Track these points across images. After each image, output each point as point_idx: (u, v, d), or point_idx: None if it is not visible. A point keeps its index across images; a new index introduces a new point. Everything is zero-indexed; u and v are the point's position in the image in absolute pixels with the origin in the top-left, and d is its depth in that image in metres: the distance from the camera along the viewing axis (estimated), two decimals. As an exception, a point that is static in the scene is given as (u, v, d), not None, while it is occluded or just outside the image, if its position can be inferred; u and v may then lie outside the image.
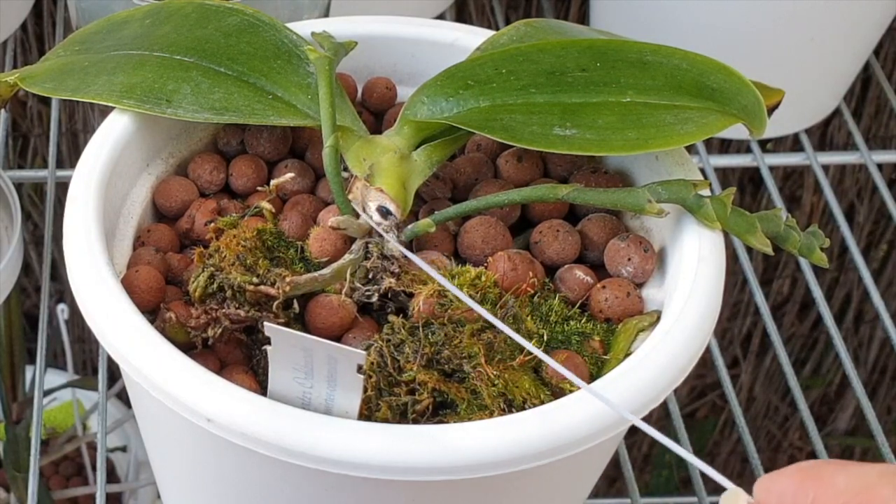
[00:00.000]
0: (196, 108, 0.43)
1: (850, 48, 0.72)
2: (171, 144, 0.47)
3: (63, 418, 0.92)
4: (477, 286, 0.39)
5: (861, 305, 1.11)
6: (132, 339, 0.37)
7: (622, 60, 0.43)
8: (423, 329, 0.38)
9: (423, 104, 0.43)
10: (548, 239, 0.43)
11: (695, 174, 0.43)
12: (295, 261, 0.41)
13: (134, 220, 0.44)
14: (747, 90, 0.43)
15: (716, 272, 0.40)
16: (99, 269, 0.39)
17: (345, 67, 0.49)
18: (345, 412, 0.36)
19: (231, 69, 0.45)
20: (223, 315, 0.38)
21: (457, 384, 0.37)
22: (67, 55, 0.47)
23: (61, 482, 0.92)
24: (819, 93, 0.74)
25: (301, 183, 0.46)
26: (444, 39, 0.50)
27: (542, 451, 0.35)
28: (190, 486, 0.43)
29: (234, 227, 0.41)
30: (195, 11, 0.47)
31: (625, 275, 0.42)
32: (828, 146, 1.00)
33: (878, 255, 1.10)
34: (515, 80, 0.43)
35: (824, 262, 0.43)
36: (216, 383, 0.36)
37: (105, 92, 0.44)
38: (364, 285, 0.40)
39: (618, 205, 0.41)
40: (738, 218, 0.41)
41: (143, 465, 0.90)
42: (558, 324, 0.41)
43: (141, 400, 0.42)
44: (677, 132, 0.41)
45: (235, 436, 0.35)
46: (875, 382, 1.15)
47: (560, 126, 0.41)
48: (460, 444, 0.35)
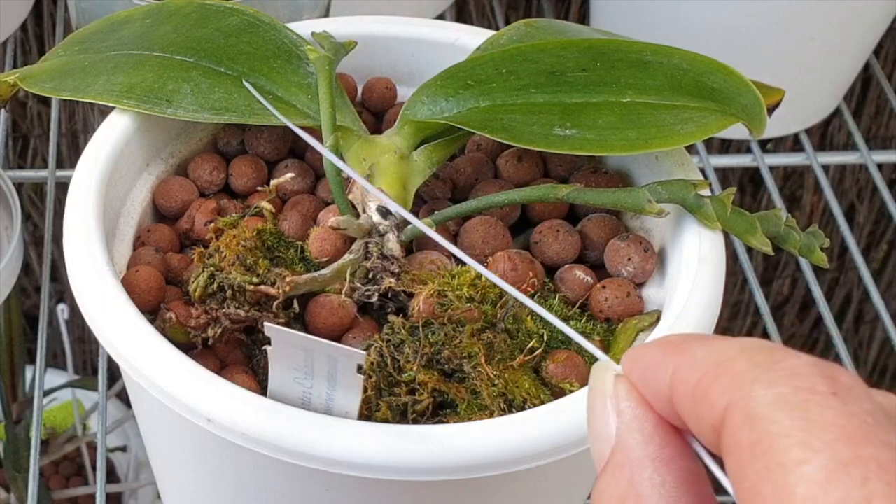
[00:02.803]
0: (196, 108, 0.43)
1: (850, 48, 0.72)
2: (171, 144, 0.47)
3: (63, 418, 0.92)
4: (477, 286, 0.39)
5: (861, 305, 1.11)
6: (132, 339, 0.37)
7: (622, 60, 0.43)
8: (423, 329, 0.38)
9: (423, 104, 0.43)
10: (548, 239, 0.43)
11: (695, 174, 0.43)
12: (295, 261, 0.41)
13: (134, 220, 0.44)
14: (747, 90, 0.43)
15: (716, 272, 0.40)
16: (99, 269, 0.39)
17: (345, 67, 0.49)
18: (345, 412, 0.36)
19: (231, 69, 0.45)
20: (223, 315, 0.38)
21: (457, 384, 0.37)
22: (67, 55, 0.47)
23: (61, 482, 0.92)
24: (819, 93, 0.74)
25: (301, 183, 0.46)
26: (444, 39, 0.50)
27: (542, 452, 0.35)
28: (190, 486, 0.43)
29: (234, 227, 0.41)
30: (195, 11, 0.47)
31: (625, 275, 0.42)
32: (828, 146, 1.00)
33: (878, 255, 1.10)
34: (515, 80, 0.43)
35: (824, 262, 0.43)
36: (216, 383, 0.36)
37: (105, 92, 0.44)
38: (364, 285, 0.40)
39: (618, 205, 0.41)
40: (738, 218, 0.41)
41: (143, 465, 0.90)
42: (558, 324, 0.41)
43: (141, 400, 0.42)
44: (677, 132, 0.41)
45: (235, 436, 0.35)
46: (875, 382, 1.15)
47: (560, 126, 0.41)
48: (460, 444, 0.35)
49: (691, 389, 0.23)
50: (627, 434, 0.25)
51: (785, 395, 0.21)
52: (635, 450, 0.24)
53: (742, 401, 0.22)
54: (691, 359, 0.24)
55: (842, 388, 0.22)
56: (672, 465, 0.24)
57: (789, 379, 0.22)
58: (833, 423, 0.21)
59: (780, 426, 0.21)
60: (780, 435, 0.21)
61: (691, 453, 0.24)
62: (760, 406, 0.21)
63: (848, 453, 0.20)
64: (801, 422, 0.21)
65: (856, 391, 0.22)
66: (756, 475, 0.21)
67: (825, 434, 0.21)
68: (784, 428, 0.21)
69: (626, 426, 0.25)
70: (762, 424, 0.21)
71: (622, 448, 0.25)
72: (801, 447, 0.20)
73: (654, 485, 0.24)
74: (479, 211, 0.43)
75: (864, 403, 0.21)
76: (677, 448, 0.24)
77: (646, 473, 0.24)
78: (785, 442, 0.21)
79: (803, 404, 0.21)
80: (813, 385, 0.21)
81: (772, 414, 0.21)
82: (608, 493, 0.24)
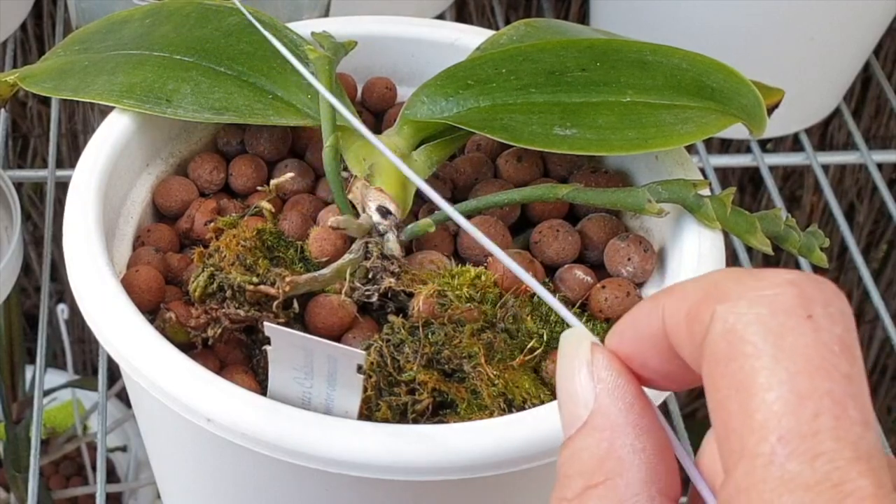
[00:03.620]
0: (196, 108, 0.43)
1: (850, 48, 0.72)
2: (171, 144, 0.47)
3: (63, 418, 0.92)
4: (477, 286, 0.39)
5: (861, 305, 1.11)
6: (132, 339, 0.37)
7: (622, 60, 0.43)
8: (423, 329, 0.38)
9: (423, 104, 0.43)
10: (548, 239, 0.43)
11: (695, 174, 0.43)
12: (295, 261, 0.41)
13: (134, 220, 0.44)
14: (747, 90, 0.43)
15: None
16: (99, 269, 0.39)
17: (345, 67, 0.49)
18: (345, 412, 0.36)
19: (231, 69, 0.45)
20: (223, 315, 0.38)
21: (457, 384, 0.37)
22: (67, 55, 0.47)
23: (61, 482, 0.92)
24: (819, 93, 0.74)
25: (301, 183, 0.46)
26: (444, 39, 0.50)
27: (542, 451, 0.35)
28: (190, 486, 0.43)
29: (234, 226, 0.41)
30: (195, 11, 0.47)
31: (625, 275, 0.42)
32: (828, 146, 1.00)
33: (878, 255, 1.10)
34: (515, 79, 0.43)
35: (824, 262, 0.43)
36: (216, 383, 0.36)
37: (105, 92, 0.44)
38: (364, 285, 0.40)
39: (618, 205, 0.41)
40: (738, 218, 0.41)
41: (143, 465, 0.90)
42: (558, 324, 0.41)
43: (141, 400, 0.42)
44: (677, 132, 0.41)
45: (235, 436, 0.35)
46: (875, 382, 1.15)
47: (560, 126, 0.41)
48: (460, 444, 0.35)
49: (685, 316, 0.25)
50: (609, 401, 0.26)
51: (763, 317, 0.23)
52: (617, 416, 0.25)
53: (724, 314, 0.23)
54: (681, 292, 0.25)
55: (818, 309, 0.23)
56: (650, 434, 0.25)
57: (770, 300, 0.23)
58: (801, 352, 0.22)
59: (753, 348, 0.23)
60: (752, 357, 0.23)
61: (662, 426, 0.26)
62: (740, 324, 0.23)
63: (806, 386, 0.22)
64: (772, 348, 0.23)
65: (832, 310, 0.23)
66: (726, 390, 0.23)
67: (791, 364, 0.22)
68: (757, 350, 0.23)
69: (608, 393, 0.26)
70: (739, 344, 0.23)
71: (603, 413, 0.26)
72: (767, 373, 0.22)
73: (636, 450, 0.25)
74: (478, 211, 0.43)
75: (835, 327, 0.23)
76: (653, 419, 0.26)
77: (627, 439, 0.25)
78: (755, 365, 0.23)
79: (778, 328, 0.23)
80: (791, 307, 0.23)
81: (749, 335, 0.23)
82: (586, 453, 0.25)
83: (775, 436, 0.22)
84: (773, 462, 0.22)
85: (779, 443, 0.22)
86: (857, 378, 0.23)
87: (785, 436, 0.22)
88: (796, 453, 0.22)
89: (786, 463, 0.22)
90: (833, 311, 0.23)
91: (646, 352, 0.26)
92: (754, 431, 0.22)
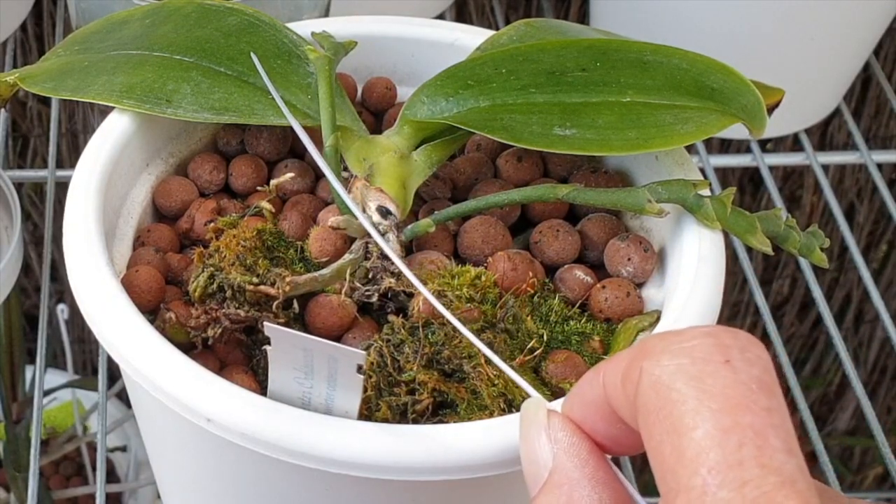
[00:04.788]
0: (196, 108, 0.43)
1: (850, 48, 0.72)
2: (171, 144, 0.47)
3: (63, 418, 0.92)
4: (477, 286, 0.39)
5: (861, 305, 1.11)
6: (132, 339, 0.37)
7: (622, 60, 0.43)
8: (423, 329, 0.38)
9: (422, 104, 0.43)
10: (548, 239, 0.43)
11: (695, 174, 0.43)
12: (295, 261, 0.41)
13: (134, 220, 0.44)
14: (747, 90, 0.43)
15: (716, 272, 0.40)
16: (99, 269, 0.39)
17: (345, 67, 0.49)
18: (345, 412, 0.36)
19: (231, 69, 0.45)
20: (223, 315, 0.38)
21: (457, 384, 0.37)
22: (67, 55, 0.47)
23: (61, 482, 0.92)
24: (819, 93, 0.74)
25: (301, 183, 0.46)
26: (444, 39, 0.50)
27: (542, 451, 0.35)
28: (190, 486, 0.43)
29: (234, 227, 0.41)
30: (195, 11, 0.47)
31: (625, 275, 0.42)
32: (828, 146, 1.00)
33: (878, 255, 1.10)
34: (515, 79, 0.43)
35: (824, 263, 0.43)
36: (216, 383, 0.36)
37: (105, 92, 0.44)
38: (364, 285, 0.40)
39: (618, 205, 0.41)
40: (738, 218, 0.41)
41: (143, 465, 0.90)
42: (558, 324, 0.41)
43: (141, 400, 0.42)
44: (677, 132, 0.41)
45: (235, 436, 0.35)
46: (875, 382, 1.15)
47: (560, 126, 0.41)
48: (460, 444, 0.35)
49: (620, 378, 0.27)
50: (565, 458, 0.28)
51: (684, 366, 0.25)
52: (573, 471, 0.28)
53: (650, 368, 0.26)
54: (616, 358, 0.27)
55: (735, 354, 0.25)
56: (606, 485, 0.28)
57: (689, 351, 0.26)
58: (721, 392, 0.25)
59: (678, 394, 0.25)
60: (678, 402, 0.25)
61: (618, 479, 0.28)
62: (665, 375, 0.25)
63: (729, 421, 0.24)
64: (695, 391, 0.25)
65: (748, 354, 0.26)
66: (659, 436, 0.25)
67: (712, 403, 0.25)
68: (682, 395, 0.25)
69: (564, 451, 0.28)
70: (665, 392, 0.25)
71: (560, 470, 0.28)
72: (692, 415, 0.25)
73: (593, 501, 0.27)
74: (478, 211, 0.43)
75: (752, 369, 0.25)
76: (608, 472, 0.28)
77: (584, 491, 0.27)
78: (681, 409, 0.25)
79: (699, 374, 0.25)
80: (708, 355, 0.25)
81: (673, 383, 0.25)
82: None
83: (705, 468, 0.24)
84: (706, 493, 0.24)
85: (709, 474, 0.24)
86: (777, 411, 0.25)
87: (714, 467, 0.24)
88: (725, 482, 0.23)
89: (717, 492, 0.23)
90: (750, 355, 0.26)
91: (593, 417, 0.28)
92: (686, 467, 0.24)
